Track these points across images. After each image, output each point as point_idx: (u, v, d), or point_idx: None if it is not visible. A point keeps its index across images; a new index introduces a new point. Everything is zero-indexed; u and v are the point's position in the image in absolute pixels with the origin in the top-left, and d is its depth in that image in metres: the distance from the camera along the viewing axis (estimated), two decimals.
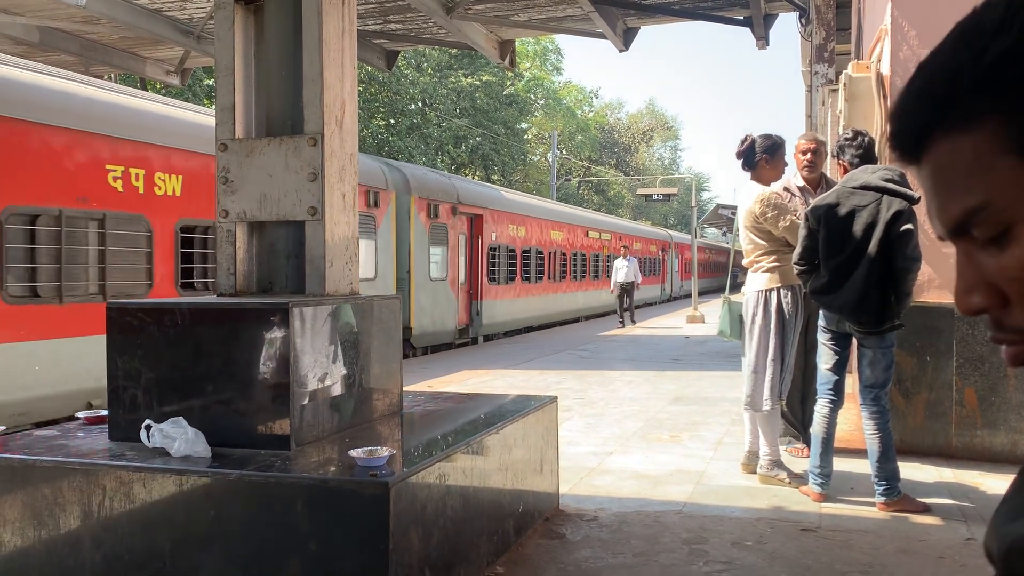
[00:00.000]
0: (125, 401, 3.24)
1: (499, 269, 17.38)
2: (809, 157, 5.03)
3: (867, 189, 4.10)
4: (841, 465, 4.77)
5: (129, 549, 2.86)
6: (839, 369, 4.40)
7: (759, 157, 4.85)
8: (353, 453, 2.83)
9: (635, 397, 8.31)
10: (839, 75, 6.78)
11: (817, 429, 4.40)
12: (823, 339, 4.42)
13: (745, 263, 4.85)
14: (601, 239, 25.77)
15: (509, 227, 17.98)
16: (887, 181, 4.08)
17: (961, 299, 0.58)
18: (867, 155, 4.32)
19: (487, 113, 35.92)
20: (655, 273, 33.89)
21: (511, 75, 36.07)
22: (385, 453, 2.81)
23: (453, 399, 4.59)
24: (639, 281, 19.25)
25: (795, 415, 5.49)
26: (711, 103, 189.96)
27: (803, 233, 4.28)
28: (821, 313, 4.44)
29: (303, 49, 3.60)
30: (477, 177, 35.29)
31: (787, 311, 4.65)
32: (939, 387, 5.31)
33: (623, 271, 18.49)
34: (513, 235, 18.21)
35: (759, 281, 4.72)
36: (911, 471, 4.83)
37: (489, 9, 9.75)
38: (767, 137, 4.91)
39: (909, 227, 4.01)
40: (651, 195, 26.78)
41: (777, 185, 4.92)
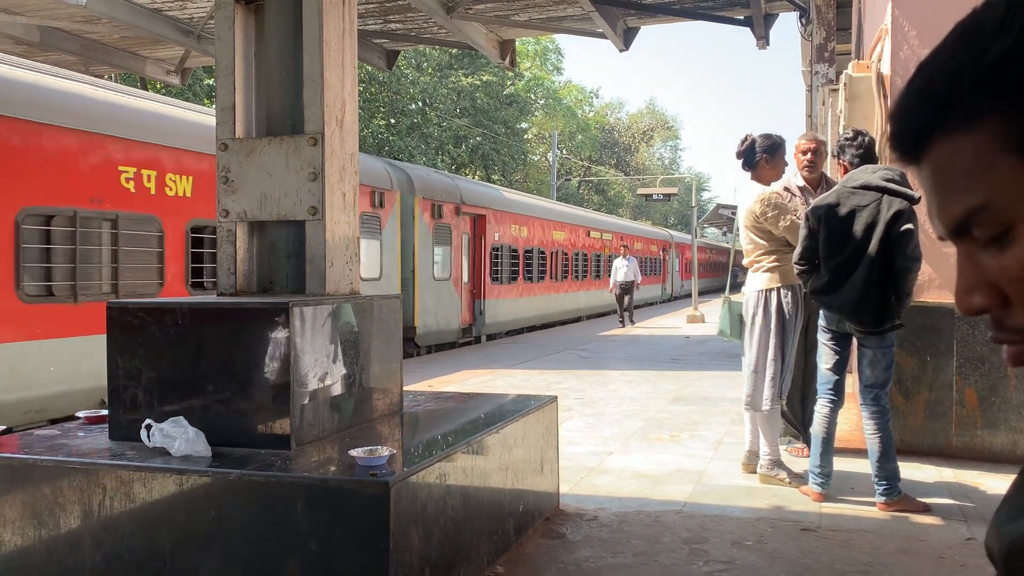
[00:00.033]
0: (125, 400, 3.24)
1: (502, 269, 17.44)
2: (809, 157, 5.03)
3: (867, 189, 4.10)
4: (841, 465, 4.77)
5: (129, 548, 2.86)
6: (839, 369, 4.40)
7: (759, 157, 4.85)
8: (353, 453, 2.83)
9: (635, 397, 8.31)
10: (839, 75, 6.78)
11: (817, 429, 4.40)
12: (823, 339, 4.42)
13: (745, 263, 4.85)
14: (603, 239, 25.79)
15: (512, 227, 18.03)
16: (887, 181, 4.07)
17: (962, 299, 0.58)
18: (867, 155, 4.32)
19: (487, 113, 35.91)
20: (656, 273, 33.90)
21: (511, 75, 36.06)
22: (385, 453, 2.81)
23: (453, 399, 4.59)
24: (639, 281, 19.25)
25: (795, 415, 5.49)
26: (711, 103, 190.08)
27: (803, 233, 4.28)
28: (821, 313, 4.44)
29: (303, 49, 3.60)
30: (477, 177, 35.29)
31: (787, 311, 4.65)
32: (939, 387, 5.31)
33: (623, 270, 18.49)
34: (516, 235, 18.26)
35: (759, 281, 4.72)
36: (911, 471, 4.83)
37: (489, 9, 9.75)
38: (767, 137, 4.91)
39: (909, 227, 4.01)
40: (651, 195, 26.79)
41: (777, 185, 4.92)
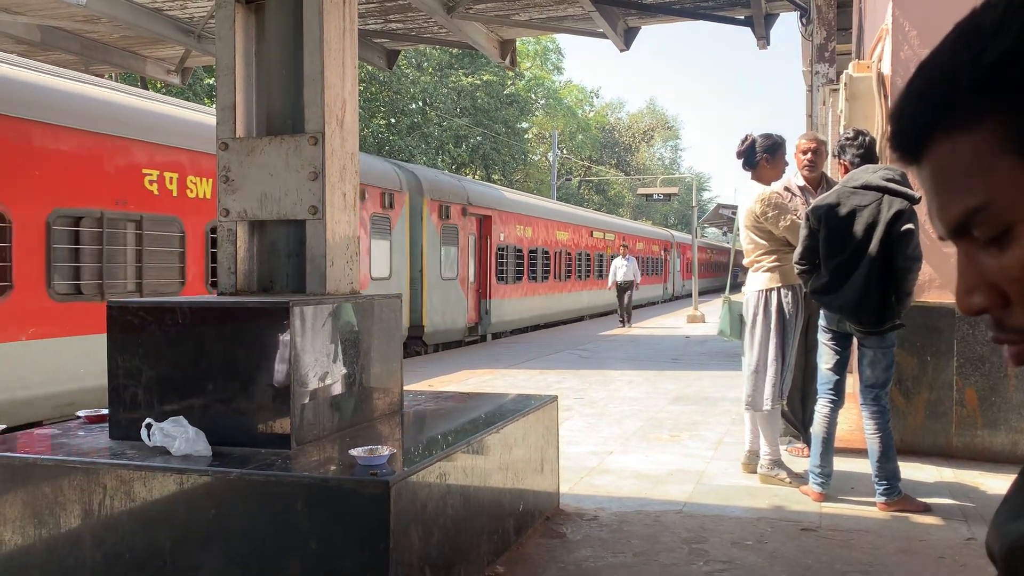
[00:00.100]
0: (126, 400, 3.24)
1: (507, 269, 17.61)
2: (810, 157, 5.03)
3: (868, 189, 4.10)
4: (841, 465, 4.77)
5: (130, 548, 2.86)
6: (840, 369, 4.40)
7: (760, 157, 4.85)
8: (354, 452, 2.83)
9: (635, 397, 8.30)
10: (840, 75, 6.78)
11: (817, 429, 4.40)
12: (824, 339, 4.42)
13: (746, 263, 4.85)
14: (605, 239, 25.86)
15: (517, 227, 18.20)
16: (888, 181, 4.07)
17: (962, 299, 0.58)
18: (868, 155, 4.32)
19: (488, 112, 35.91)
20: (658, 273, 33.91)
21: (512, 74, 36.06)
22: (386, 452, 2.81)
23: (454, 398, 4.59)
24: (639, 280, 19.27)
25: (795, 415, 5.49)
26: (711, 103, 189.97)
27: (804, 233, 4.27)
28: (822, 313, 4.44)
29: (304, 48, 3.60)
30: (477, 177, 35.28)
31: (787, 311, 4.65)
32: (940, 387, 5.31)
33: (623, 270, 18.50)
34: (520, 235, 18.43)
35: (760, 281, 4.71)
36: (911, 471, 4.83)
37: (490, 9, 9.75)
38: (767, 137, 4.91)
39: (910, 227, 4.01)
40: (651, 195, 26.78)
41: (778, 185, 4.92)
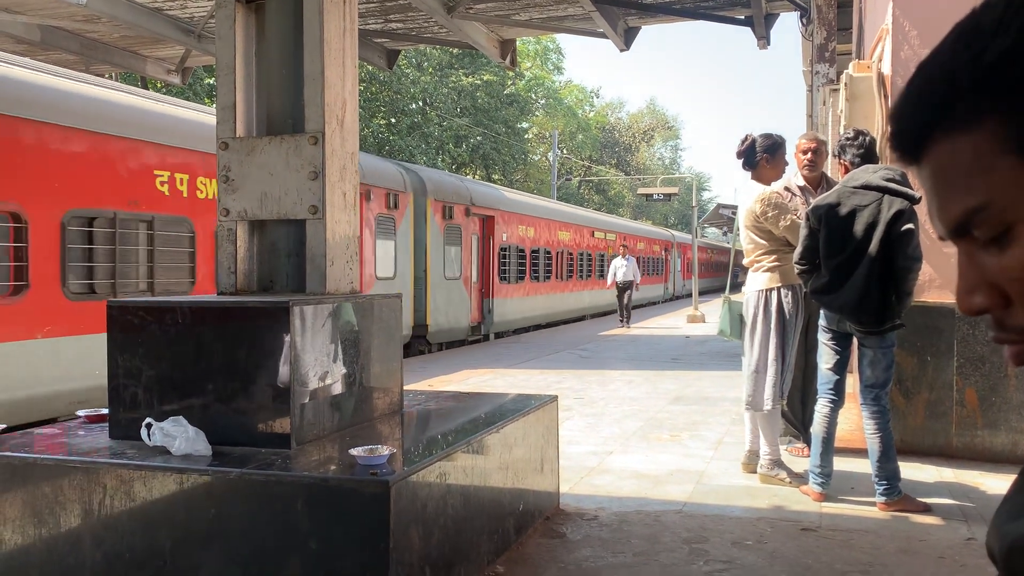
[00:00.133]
0: (126, 399, 3.24)
1: (510, 268, 17.72)
2: (810, 157, 5.02)
3: (868, 189, 4.10)
4: (841, 465, 4.77)
5: (129, 547, 2.86)
6: (840, 369, 4.40)
7: (760, 156, 4.85)
8: (354, 452, 2.83)
9: (635, 396, 8.30)
10: (840, 75, 6.78)
11: (817, 429, 4.40)
12: (824, 339, 4.42)
13: (746, 263, 4.85)
14: (606, 239, 25.90)
15: (519, 228, 18.31)
16: (888, 181, 4.07)
17: (963, 299, 0.58)
18: (868, 155, 4.31)
19: (488, 112, 35.90)
20: (658, 273, 33.91)
21: (512, 74, 36.06)
22: (386, 452, 2.81)
23: (454, 398, 4.59)
24: (638, 281, 19.28)
25: (795, 415, 5.49)
26: (711, 103, 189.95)
27: (804, 233, 4.27)
28: (822, 313, 4.43)
29: (304, 48, 3.60)
30: (478, 176, 35.28)
31: (788, 311, 4.65)
32: (940, 387, 5.31)
33: (623, 270, 18.50)
34: (523, 235, 18.54)
35: (760, 281, 4.71)
36: (911, 471, 4.83)
37: (490, 8, 9.75)
38: (767, 136, 4.91)
39: (910, 227, 4.01)
40: (652, 195, 26.79)
41: (778, 185, 4.92)
